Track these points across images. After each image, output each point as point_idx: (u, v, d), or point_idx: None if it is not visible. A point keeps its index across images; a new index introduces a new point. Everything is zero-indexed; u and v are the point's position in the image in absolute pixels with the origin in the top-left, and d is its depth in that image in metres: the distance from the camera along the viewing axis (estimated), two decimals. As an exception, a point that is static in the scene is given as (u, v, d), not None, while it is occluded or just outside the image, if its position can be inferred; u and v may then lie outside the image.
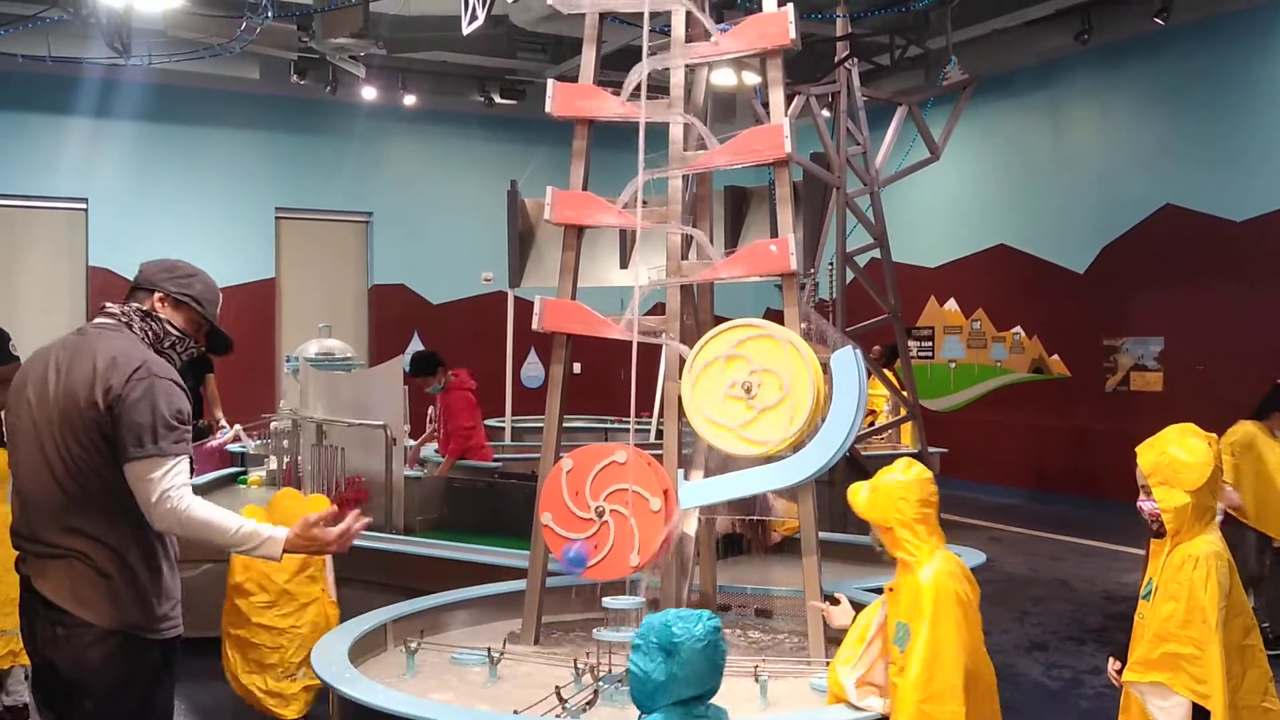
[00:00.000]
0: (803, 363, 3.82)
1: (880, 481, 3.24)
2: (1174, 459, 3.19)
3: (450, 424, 8.34)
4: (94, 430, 2.98)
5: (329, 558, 4.72)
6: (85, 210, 13.65)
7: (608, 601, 3.76)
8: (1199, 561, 3.13)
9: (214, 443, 9.78)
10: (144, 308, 3.20)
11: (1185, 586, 3.11)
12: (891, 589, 3.22)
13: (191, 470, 9.47)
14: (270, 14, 9.50)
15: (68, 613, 2.96)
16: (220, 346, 3.40)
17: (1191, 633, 3.09)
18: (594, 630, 3.79)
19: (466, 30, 9.73)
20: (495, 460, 8.83)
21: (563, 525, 3.93)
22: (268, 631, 4.42)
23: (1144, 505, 3.30)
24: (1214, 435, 3.26)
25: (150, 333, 3.17)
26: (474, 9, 9.45)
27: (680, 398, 3.98)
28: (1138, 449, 3.31)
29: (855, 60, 9.60)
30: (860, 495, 3.28)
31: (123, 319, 3.16)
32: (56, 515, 3.01)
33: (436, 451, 8.65)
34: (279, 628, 4.52)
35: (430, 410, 9.30)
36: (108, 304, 3.23)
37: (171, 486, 2.98)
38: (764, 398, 3.84)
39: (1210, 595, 3.08)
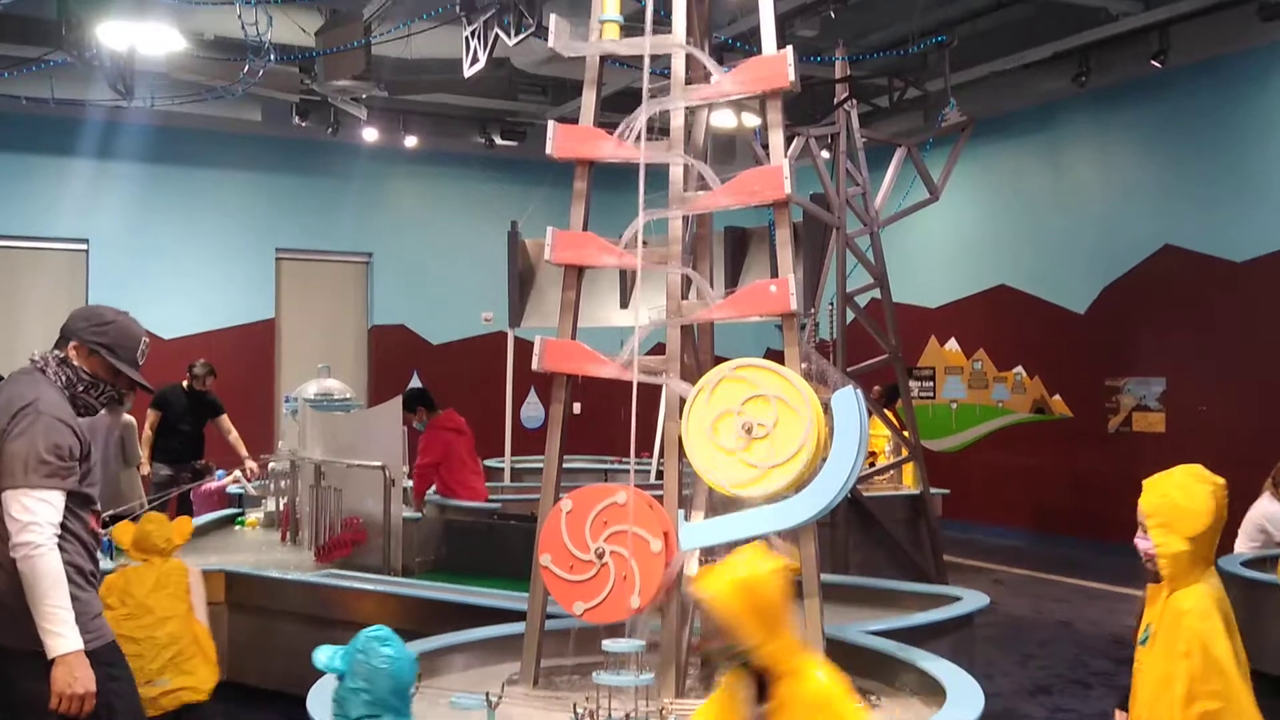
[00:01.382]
0: (804, 403, 3.80)
1: None
2: (1175, 503, 3.09)
3: (417, 461, 8.39)
4: None
5: (197, 578, 5.11)
6: (86, 251, 13.68)
7: (607, 645, 3.72)
8: (1202, 613, 3.03)
9: (212, 485, 9.74)
10: (61, 354, 3.46)
11: (1196, 642, 3.00)
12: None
13: (190, 511, 9.36)
14: (272, 57, 9.58)
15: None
16: (138, 388, 3.77)
17: (1214, 685, 2.98)
18: (593, 674, 3.74)
19: (468, 73, 9.82)
20: (493, 501, 8.78)
21: (562, 567, 3.90)
22: (127, 641, 4.57)
23: (1140, 543, 3.20)
24: (1223, 480, 3.14)
25: (64, 377, 3.42)
26: (475, 52, 9.53)
27: (680, 438, 3.96)
28: (1145, 482, 3.22)
29: (854, 102, 9.66)
30: None
31: (39, 364, 3.43)
32: None
33: (434, 491, 8.61)
34: (136, 638, 4.71)
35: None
36: (34, 351, 3.49)
37: (34, 521, 3.13)
38: (760, 446, 3.81)
39: (1223, 646, 3.00)
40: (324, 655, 3.25)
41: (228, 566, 6.30)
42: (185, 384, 9.99)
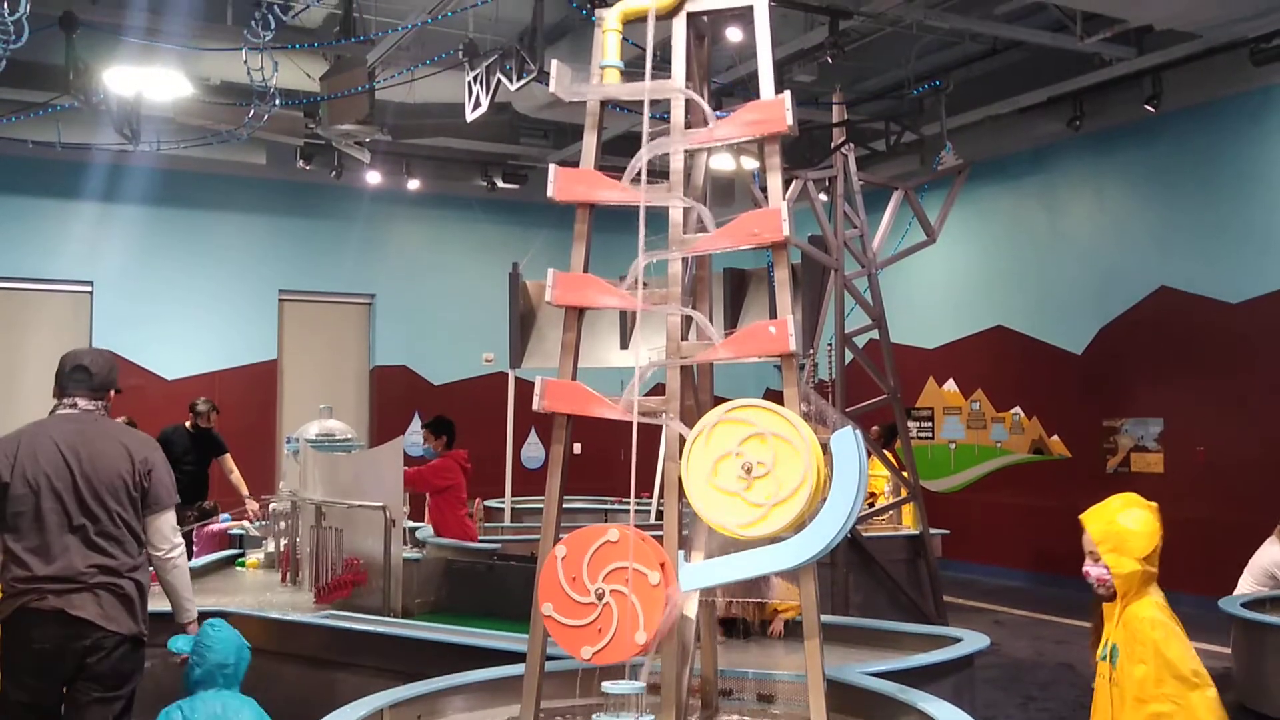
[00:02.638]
0: (803, 443, 3.82)
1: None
2: (1123, 529, 3.44)
3: (432, 475, 8.58)
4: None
5: None
6: (90, 293, 13.75)
7: (607, 686, 3.72)
8: (1155, 623, 3.34)
9: (216, 526, 9.74)
10: (106, 403, 4.38)
11: (1149, 647, 3.30)
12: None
13: (191, 552, 9.41)
14: (277, 101, 9.69)
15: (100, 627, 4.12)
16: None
17: (1167, 689, 3.26)
18: (593, 716, 3.74)
19: (470, 117, 9.93)
20: (494, 542, 8.78)
21: (564, 614, 3.89)
22: None
23: (1091, 570, 3.52)
24: (1156, 504, 3.51)
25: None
26: (478, 96, 9.65)
27: (680, 478, 3.97)
28: (1083, 517, 3.56)
29: (851, 146, 9.77)
30: None
31: (101, 411, 4.36)
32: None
33: (434, 534, 8.61)
34: None
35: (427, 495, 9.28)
36: (83, 401, 4.30)
37: (180, 539, 4.47)
38: (761, 485, 3.82)
39: (1175, 650, 3.29)
40: (180, 642, 4.33)
41: (227, 608, 6.28)
42: (188, 423, 10.01)
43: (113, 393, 4.35)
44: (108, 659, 4.12)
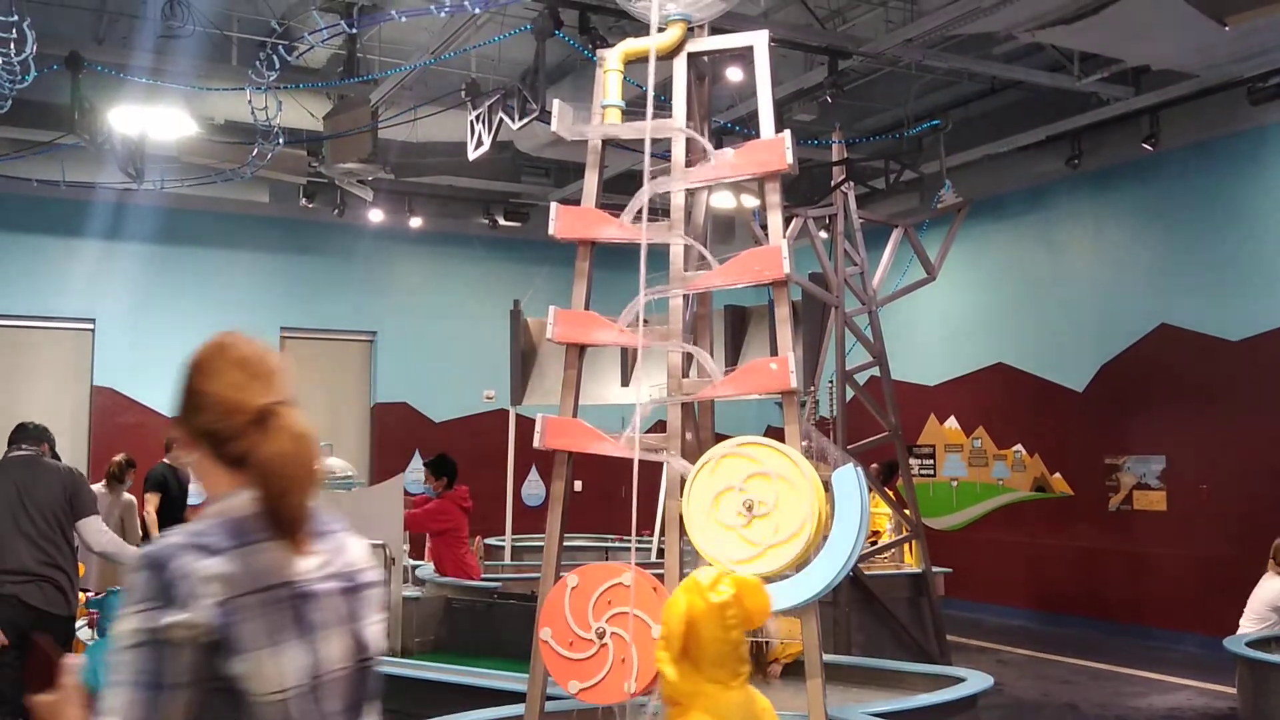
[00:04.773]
0: (807, 487, 3.81)
1: None
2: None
3: (431, 515, 8.64)
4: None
5: None
6: (92, 330, 13.77)
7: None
8: None
9: None
10: (41, 450, 6.25)
11: None
12: None
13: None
14: (281, 140, 9.76)
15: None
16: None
17: None
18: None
19: (472, 155, 10.00)
20: (494, 580, 8.74)
21: (562, 643, 3.88)
22: None
23: None
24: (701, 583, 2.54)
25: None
26: (480, 135, 9.72)
27: (681, 516, 3.96)
28: None
29: (851, 184, 9.81)
30: None
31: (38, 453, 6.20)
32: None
33: (435, 571, 8.58)
34: None
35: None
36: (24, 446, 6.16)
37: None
38: (760, 524, 3.81)
39: None
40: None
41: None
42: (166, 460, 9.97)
43: (46, 445, 6.28)
44: (46, 634, 5.21)
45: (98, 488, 9.24)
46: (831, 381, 9.63)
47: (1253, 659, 6.56)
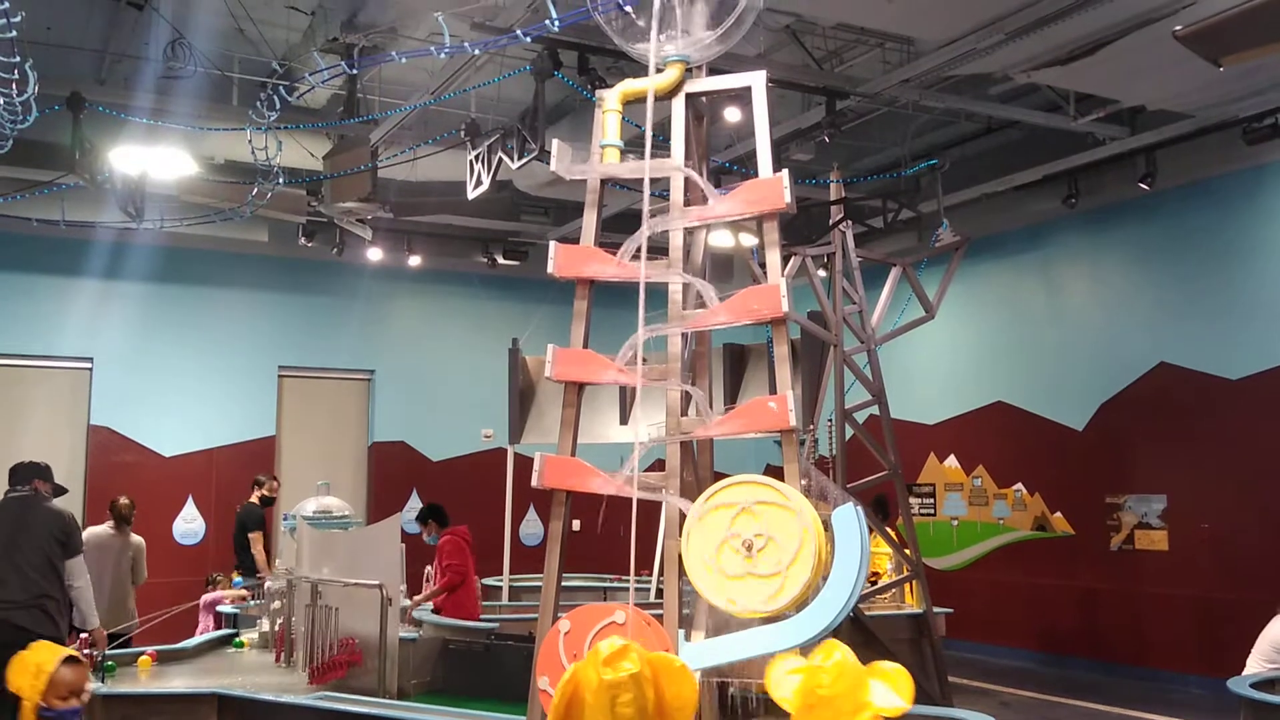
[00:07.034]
0: (804, 520, 3.78)
1: None
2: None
3: (443, 561, 8.77)
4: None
5: None
6: (90, 369, 13.76)
7: None
8: None
9: (210, 596, 9.70)
10: (32, 488, 6.85)
11: None
12: None
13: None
14: (281, 179, 9.80)
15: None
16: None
17: None
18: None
19: (471, 195, 10.04)
20: (491, 620, 8.69)
21: (561, 688, 3.83)
22: None
23: None
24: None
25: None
26: (479, 175, 9.76)
27: (680, 556, 3.93)
28: None
29: (849, 223, 9.85)
30: None
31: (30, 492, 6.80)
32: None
33: (434, 611, 8.52)
34: None
35: (426, 569, 9.21)
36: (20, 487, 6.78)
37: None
38: (765, 556, 3.78)
39: None
40: None
41: (220, 689, 6.17)
42: (256, 498, 10.99)
43: (37, 482, 6.83)
44: None
45: (105, 529, 9.29)
46: (830, 420, 9.61)
47: (1257, 700, 6.48)
